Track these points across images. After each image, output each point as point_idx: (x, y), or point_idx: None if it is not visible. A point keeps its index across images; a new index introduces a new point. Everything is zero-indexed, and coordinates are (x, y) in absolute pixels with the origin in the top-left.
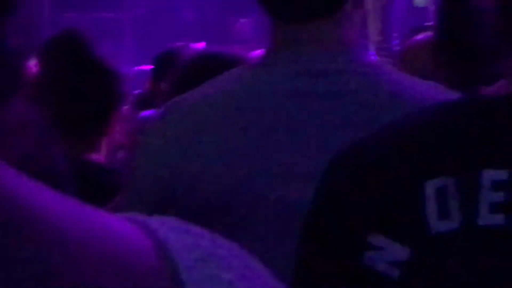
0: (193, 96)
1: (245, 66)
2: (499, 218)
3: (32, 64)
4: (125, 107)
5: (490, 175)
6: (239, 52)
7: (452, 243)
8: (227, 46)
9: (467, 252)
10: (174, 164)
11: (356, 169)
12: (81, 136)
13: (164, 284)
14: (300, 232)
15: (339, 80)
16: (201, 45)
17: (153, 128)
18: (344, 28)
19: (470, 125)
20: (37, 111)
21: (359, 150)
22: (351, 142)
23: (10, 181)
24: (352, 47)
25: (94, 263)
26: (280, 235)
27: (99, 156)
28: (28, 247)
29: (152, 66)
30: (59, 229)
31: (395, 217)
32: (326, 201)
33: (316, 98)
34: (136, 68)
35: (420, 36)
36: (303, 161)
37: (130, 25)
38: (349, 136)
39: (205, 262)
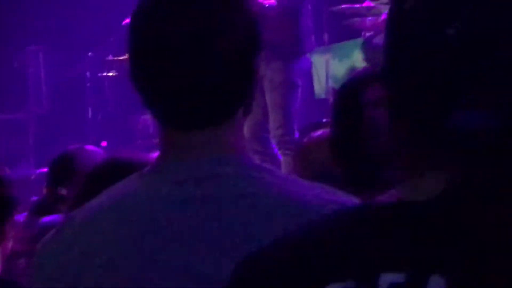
0: (87, 208)
1: (139, 172)
2: None
3: None
4: (23, 214)
5: (387, 278)
6: (141, 155)
7: None
8: (131, 143)
9: None
10: (68, 281)
11: (258, 276)
12: None
13: None
14: None
15: (226, 184)
16: (102, 144)
17: (46, 246)
18: (234, 133)
19: (368, 231)
20: None
21: (261, 258)
22: (253, 249)
23: None
24: (240, 151)
25: None
26: None
27: None
28: None
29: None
30: None
31: None
32: None
33: (204, 203)
34: (37, 170)
35: (318, 133)
36: (196, 265)
37: (33, 126)
38: (239, 239)
39: None
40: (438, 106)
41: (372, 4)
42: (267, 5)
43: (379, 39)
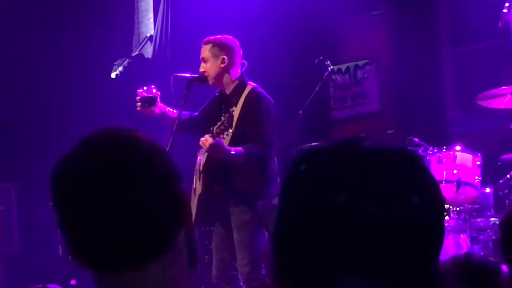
0: None
1: None
2: None
3: None
4: None
5: None
6: None
7: None
8: None
9: None
10: None
11: None
12: None
13: None
14: None
15: None
16: (72, 283)
17: None
18: (174, 268)
19: None
20: None
21: None
22: None
23: None
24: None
25: None
26: None
27: None
28: None
29: None
30: None
31: None
32: None
33: None
34: None
35: None
36: None
37: (3, 264)
38: None
39: None
40: (324, 272)
41: None
42: (233, 152)
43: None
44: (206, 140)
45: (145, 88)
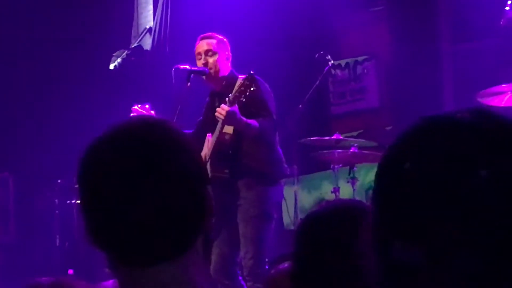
0: None
1: None
2: None
3: None
4: None
5: None
6: None
7: None
8: (97, 271)
9: None
10: None
11: None
12: None
13: None
14: None
15: None
16: (69, 272)
17: None
18: (191, 266)
19: None
20: None
21: None
22: None
23: None
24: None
25: None
26: None
27: None
28: None
29: None
30: None
31: None
32: None
33: None
34: None
35: (284, 265)
36: None
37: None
38: None
39: None
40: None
41: (341, 137)
42: (249, 122)
43: None
44: (223, 109)
45: (139, 105)
